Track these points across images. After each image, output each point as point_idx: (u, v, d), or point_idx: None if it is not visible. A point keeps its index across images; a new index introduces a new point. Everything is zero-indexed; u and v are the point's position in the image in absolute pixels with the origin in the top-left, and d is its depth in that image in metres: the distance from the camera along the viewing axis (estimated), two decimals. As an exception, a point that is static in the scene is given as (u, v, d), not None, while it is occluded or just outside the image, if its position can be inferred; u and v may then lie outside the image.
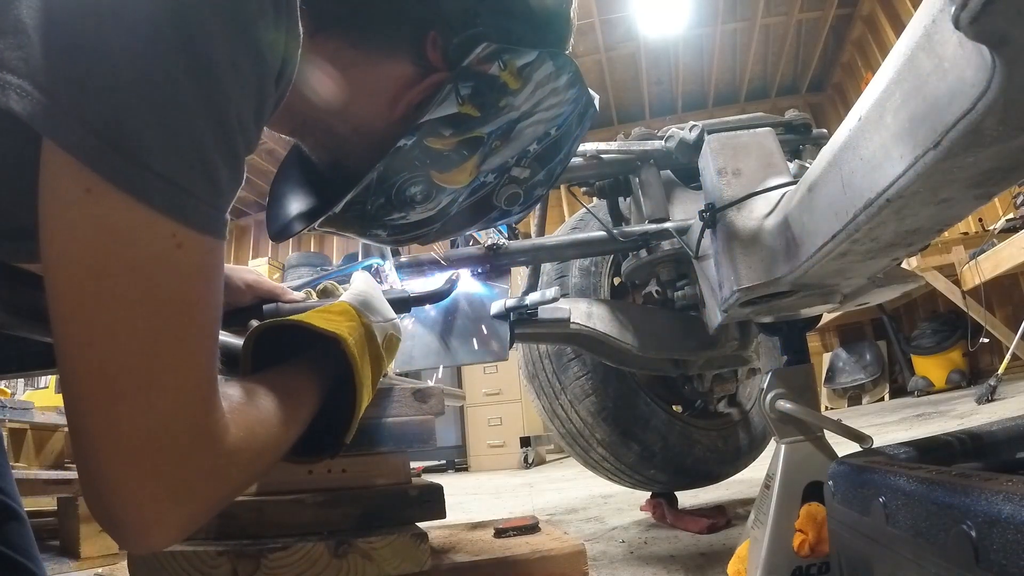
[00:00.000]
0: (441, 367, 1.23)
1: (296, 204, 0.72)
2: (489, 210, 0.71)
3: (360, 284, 0.74)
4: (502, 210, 0.72)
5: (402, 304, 0.87)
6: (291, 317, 0.60)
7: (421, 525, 0.73)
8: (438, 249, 1.23)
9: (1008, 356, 3.31)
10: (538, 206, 1.57)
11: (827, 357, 5.45)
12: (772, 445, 1.00)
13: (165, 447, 0.39)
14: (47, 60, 0.37)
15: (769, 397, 0.96)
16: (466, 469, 4.91)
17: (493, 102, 0.61)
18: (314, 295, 0.84)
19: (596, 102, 0.69)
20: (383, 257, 1.16)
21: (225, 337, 0.64)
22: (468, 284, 1.21)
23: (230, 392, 0.46)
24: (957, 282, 3.75)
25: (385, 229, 0.70)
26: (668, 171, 1.35)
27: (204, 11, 0.39)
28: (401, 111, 0.61)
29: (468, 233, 1.01)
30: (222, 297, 0.44)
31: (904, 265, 1.81)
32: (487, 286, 1.21)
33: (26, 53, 0.37)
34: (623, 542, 1.55)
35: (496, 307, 1.17)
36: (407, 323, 1.17)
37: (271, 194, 0.73)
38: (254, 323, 0.60)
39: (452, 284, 1.04)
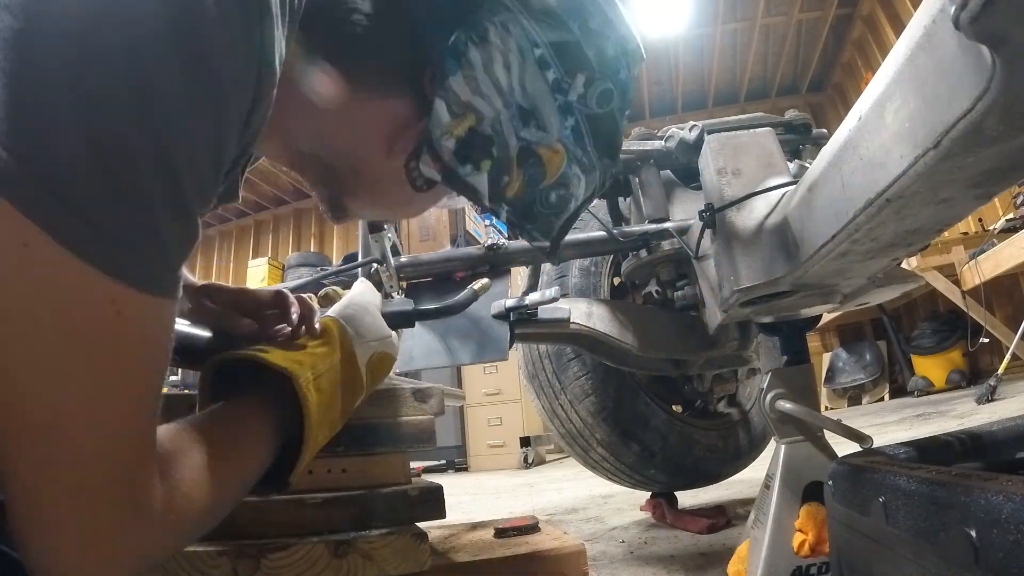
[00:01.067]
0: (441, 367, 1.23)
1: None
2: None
3: (355, 296, 0.73)
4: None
5: (404, 318, 0.83)
6: (251, 350, 0.57)
7: (421, 525, 0.73)
8: (439, 249, 1.22)
9: (1008, 356, 3.31)
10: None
11: (827, 357, 5.45)
12: (772, 445, 1.00)
13: (88, 518, 0.37)
14: None
15: (769, 397, 0.96)
16: (466, 469, 4.91)
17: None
18: (315, 300, 0.84)
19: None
20: (383, 257, 1.16)
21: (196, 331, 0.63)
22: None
23: (169, 448, 0.43)
24: (957, 282, 3.75)
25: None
26: (668, 171, 1.35)
27: (159, 47, 0.37)
28: (397, 153, 0.59)
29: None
30: (168, 354, 0.42)
31: (904, 265, 1.81)
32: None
33: None
34: (623, 542, 1.55)
35: (496, 307, 1.16)
36: None
37: None
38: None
39: (472, 296, 0.99)
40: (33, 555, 0.38)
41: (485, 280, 1.05)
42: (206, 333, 0.63)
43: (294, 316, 0.66)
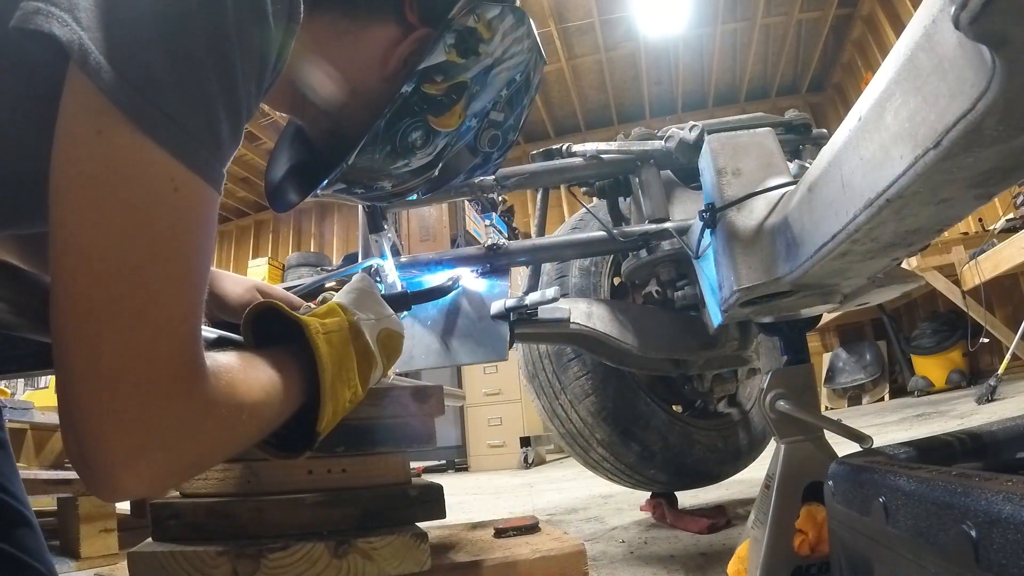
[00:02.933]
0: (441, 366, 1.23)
1: (297, 173, 0.78)
2: (475, 155, 0.81)
3: (354, 282, 0.76)
4: (485, 154, 0.81)
5: (400, 301, 0.86)
6: (275, 304, 0.61)
7: (421, 525, 0.73)
8: (439, 249, 1.23)
9: (1008, 356, 3.31)
10: (538, 206, 1.57)
11: (827, 357, 5.45)
12: (772, 445, 1.00)
13: (143, 383, 0.40)
14: (84, 4, 0.41)
15: (769, 397, 0.96)
16: (466, 469, 4.91)
17: (472, 49, 0.70)
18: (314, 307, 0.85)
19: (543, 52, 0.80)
20: (383, 257, 1.16)
21: (228, 333, 0.64)
22: (470, 283, 1.21)
23: (216, 354, 0.48)
24: (957, 282, 3.75)
25: (390, 179, 0.77)
26: (668, 171, 1.35)
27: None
28: (392, 67, 0.68)
29: (461, 185, 1.03)
30: (213, 246, 0.47)
31: (904, 265, 1.81)
32: (490, 279, 1.21)
33: None
34: (623, 542, 1.55)
35: (496, 307, 1.16)
36: (406, 322, 1.17)
37: (268, 171, 0.80)
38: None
39: (454, 282, 1.04)
40: (90, 447, 0.40)
41: (456, 270, 1.10)
42: (213, 334, 0.63)
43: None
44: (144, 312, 0.41)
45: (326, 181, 0.72)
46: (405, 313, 1.02)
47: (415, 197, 0.87)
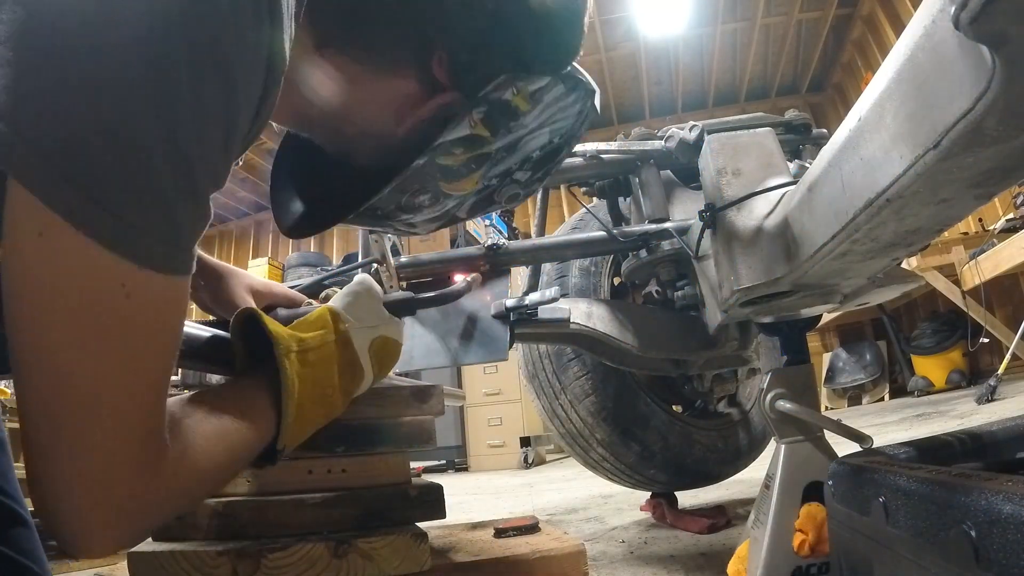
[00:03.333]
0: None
1: (306, 200, 0.74)
2: (489, 205, 0.74)
3: (353, 284, 0.74)
4: (501, 205, 0.75)
5: (404, 306, 0.84)
6: (255, 314, 0.60)
7: (421, 525, 0.73)
8: (439, 249, 1.23)
9: (1008, 356, 3.31)
10: (538, 206, 1.57)
11: (827, 357, 5.45)
12: (772, 445, 1.00)
13: (103, 476, 0.41)
14: (12, 88, 0.36)
15: (769, 397, 0.96)
16: (466, 469, 4.91)
17: (504, 124, 0.62)
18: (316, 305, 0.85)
19: (597, 100, 0.70)
20: (383, 257, 1.16)
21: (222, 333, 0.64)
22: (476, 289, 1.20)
23: (183, 417, 0.47)
24: (957, 282, 3.75)
25: (393, 226, 0.73)
26: (668, 171, 1.35)
27: (173, 37, 0.38)
28: (408, 127, 0.63)
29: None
30: (180, 333, 0.46)
31: (904, 265, 1.81)
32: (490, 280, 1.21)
33: None
34: (623, 542, 1.55)
35: (496, 307, 1.16)
36: (405, 322, 1.17)
37: (274, 188, 0.75)
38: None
39: (467, 286, 1.01)
40: (58, 518, 0.41)
41: (476, 274, 1.06)
42: (206, 332, 0.63)
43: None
44: (100, 415, 0.40)
45: (332, 226, 0.70)
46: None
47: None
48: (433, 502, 0.75)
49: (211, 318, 0.82)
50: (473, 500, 2.85)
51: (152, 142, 0.39)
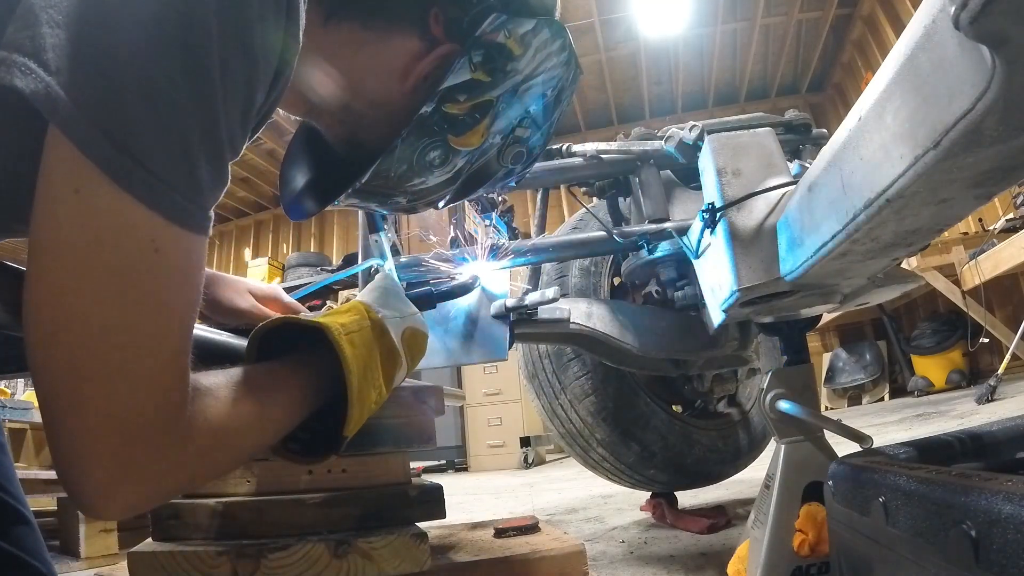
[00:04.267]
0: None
1: (313, 182, 0.76)
2: (496, 170, 0.77)
3: (378, 280, 0.76)
4: (507, 169, 0.77)
5: (425, 300, 0.85)
6: (292, 319, 0.61)
7: (421, 525, 0.73)
8: (441, 248, 1.23)
9: (1008, 356, 3.31)
10: (538, 206, 1.57)
11: (827, 357, 5.45)
12: (772, 445, 1.00)
13: (125, 434, 0.41)
14: (52, 43, 0.39)
15: (769, 397, 0.96)
16: (466, 469, 4.91)
17: (501, 67, 0.66)
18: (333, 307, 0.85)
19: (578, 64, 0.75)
20: (383, 258, 1.16)
21: (232, 339, 0.64)
22: (488, 280, 1.20)
23: (206, 383, 0.48)
24: (957, 282, 3.75)
25: (405, 195, 0.74)
26: (668, 171, 1.35)
27: (206, 12, 0.42)
28: (413, 82, 0.65)
29: (476, 197, 0.99)
30: (200, 291, 0.47)
31: (904, 265, 1.81)
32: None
33: (33, 34, 0.39)
34: (623, 542, 1.55)
35: (496, 307, 1.16)
36: None
37: (283, 176, 0.77)
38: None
39: (475, 279, 1.02)
40: (77, 476, 0.41)
41: (483, 269, 1.07)
42: (221, 336, 0.63)
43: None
44: (126, 368, 0.41)
45: (343, 195, 0.71)
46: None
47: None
48: (433, 502, 0.75)
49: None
50: (473, 500, 2.85)
51: (185, 103, 0.41)
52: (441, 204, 0.80)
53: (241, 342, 0.63)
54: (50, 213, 0.41)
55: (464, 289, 0.98)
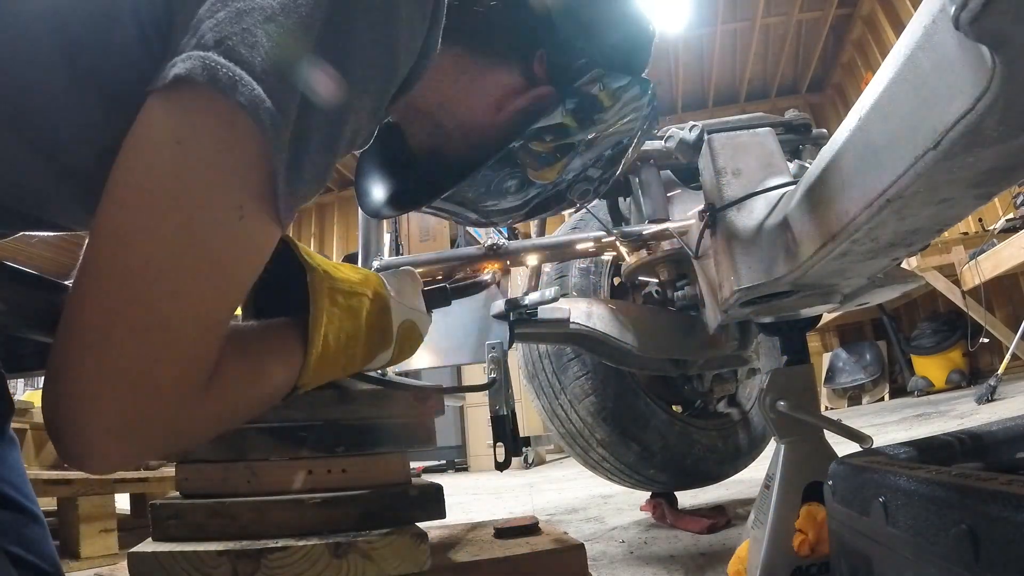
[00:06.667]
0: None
1: (394, 185, 0.78)
2: (561, 201, 0.82)
3: (401, 270, 0.77)
4: (571, 202, 0.82)
5: (440, 295, 0.85)
6: (289, 240, 0.61)
7: (421, 525, 0.73)
8: (439, 249, 1.23)
9: (1008, 356, 3.31)
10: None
11: (827, 357, 5.45)
12: (772, 445, 1.00)
13: (139, 390, 0.40)
14: (223, 21, 0.42)
15: (769, 397, 0.96)
16: (466, 469, 4.91)
17: (589, 116, 0.71)
18: None
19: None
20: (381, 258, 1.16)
21: None
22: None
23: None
24: (957, 282, 3.75)
25: (477, 213, 0.78)
26: (668, 171, 1.35)
27: (358, 7, 0.45)
28: (506, 116, 0.69)
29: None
30: (255, 277, 0.48)
31: (904, 265, 1.81)
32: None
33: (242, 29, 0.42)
34: (623, 542, 1.55)
35: (496, 307, 1.17)
36: None
37: (360, 169, 0.80)
38: None
39: (493, 276, 1.03)
40: (69, 423, 0.40)
41: (498, 267, 1.08)
42: None
43: None
44: (167, 323, 0.41)
45: (417, 207, 0.75)
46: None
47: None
48: (433, 502, 0.75)
49: None
50: (473, 500, 2.85)
51: (316, 99, 0.44)
52: (505, 223, 0.85)
53: None
54: (142, 159, 0.42)
55: (480, 286, 0.98)
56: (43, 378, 0.42)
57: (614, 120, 0.73)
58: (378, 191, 0.78)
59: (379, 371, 0.77)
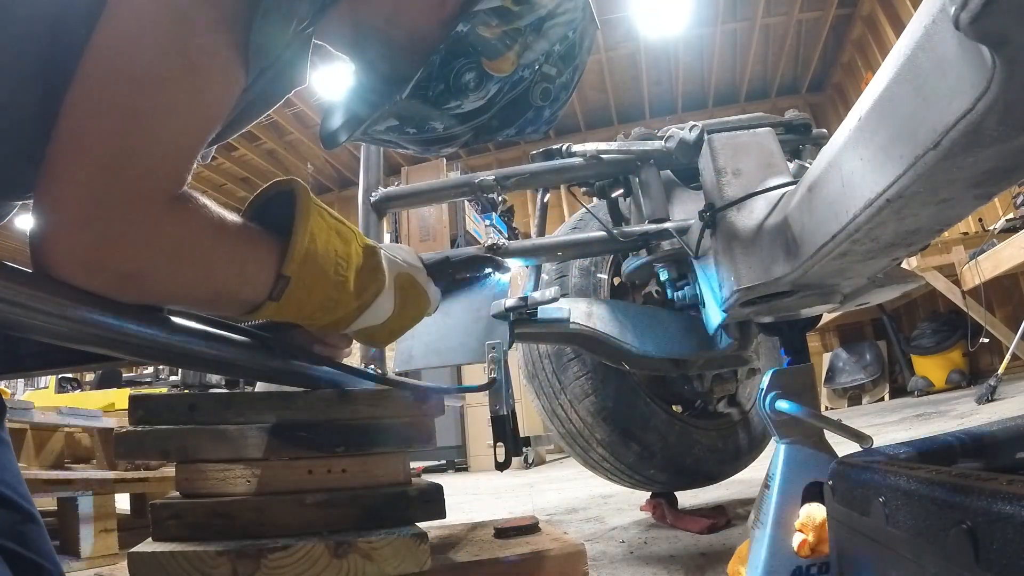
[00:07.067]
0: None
1: (350, 111, 0.79)
2: (526, 108, 0.82)
3: (395, 244, 0.78)
4: (536, 108, 0.83)
5: (441, 266, 0.84)
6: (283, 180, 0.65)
7: (421, 525, 0.73)
8: (439, 249, 1.23)
9: (1008, 356, 3.31)
10: (538, 206, 1.57)
11: (827, 357, 5.45)
12: (772, 445, 1.00)
13: (104, 183, 0.46)
14: None
15: (769, 397, 0.96)
16: (466, 469, 4.91)
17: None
18: None
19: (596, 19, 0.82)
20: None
21: None
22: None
23: (204, 200, 0.53)
24: (957, 282, 3.75)
25: (441, 120, 0.79)
26: (668, 171, 1.35)
27: None
28: (448, 12, 0.71)
29: (504, 138, 0.97)
30: (219, 124, 0.55)
31: (904, 265, 1.81)
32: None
33: None
34: (623, 542, 1.55)
35: (496, 307, 1.16)
36: None
37: (325, 116, 0.82)
38: None
39: (502, 263, 1.01)
40: (49, 210, 0.46)
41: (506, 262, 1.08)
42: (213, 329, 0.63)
43: None
44: (142, 126, 0.47)
45: (378, 114, 0.75)
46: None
47: (463, 145, 0.88)
48: (433, 502, 0.75)
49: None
50: (473, 500, 2.85)
51: None
52: (475, 140, 0.85)
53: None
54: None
55: (482, 261, 0.94)
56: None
57: (551, 4, 0.74)
58: (337, 121, 0.80)
59: (379, 370, 0.77)
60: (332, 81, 0.86)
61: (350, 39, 0.73)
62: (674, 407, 1.71)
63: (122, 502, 2.03)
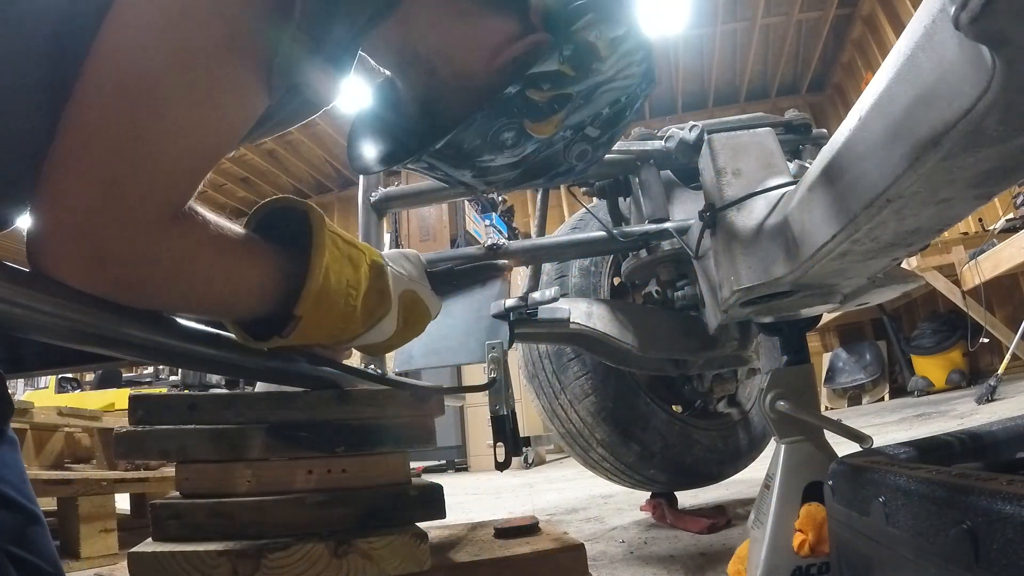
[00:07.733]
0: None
1: (385, 141, 0.78)
2: (558, 164, 0.80)
3: (402, 251, 0.77)
4: (569, 165, 0.80)
5: (444, 278, 0.83)
6: (287, 197, 0.64)
7: (421, 525, 0.73)
8: (439, 249, 1.23)
9: (1008, 356, 3.31)
10: (538, 206, 1.57)
11: (827, 357, 5.45)
12: (772, 445, 1.00)
13: (105, 197, 0.45)
14: None
15: (769, 397, 0.96)
16: (466, 469, 4.91)
17: (586, 65, 0.69)
18: None
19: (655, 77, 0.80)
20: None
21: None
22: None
23: (206, 214, 0.52)
24: (957, 282, 3.75)
25: (472, 170, 0.77)
26: (668, 171, 1.35)
27: None
28: (500, 63, 0.69)
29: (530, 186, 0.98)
30: (233, 147, 0.54)
31: (904, 265, 1.81)
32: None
33: None
34: (623, 542, 1.55)
35: (496, 307, 1.16)
36: None
37: (353, 130, 0.80)
38: None
39: (503, 266, 1.02)
40: (40, 230, 0.45)
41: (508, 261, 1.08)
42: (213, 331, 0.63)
43: None
44: (145, 140, 0.45)
45: (414, 157, 0.73)
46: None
47: (481, 191, 0.88)
48: (433, 502, 0.75)
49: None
50: (473, 500, 2.85)
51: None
52: (502, 187, 0.83)
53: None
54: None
55: (486, 270, 0.95)
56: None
57: (611, 72, 0.72)
58: (370, 148, 0.78)
59: (379, 370, 0.77)
60: (352, 95, 0.86)
61: (395, 60, 0.72)
62: (674, 407, 1.71)
63: (122, 502, 2.02)
